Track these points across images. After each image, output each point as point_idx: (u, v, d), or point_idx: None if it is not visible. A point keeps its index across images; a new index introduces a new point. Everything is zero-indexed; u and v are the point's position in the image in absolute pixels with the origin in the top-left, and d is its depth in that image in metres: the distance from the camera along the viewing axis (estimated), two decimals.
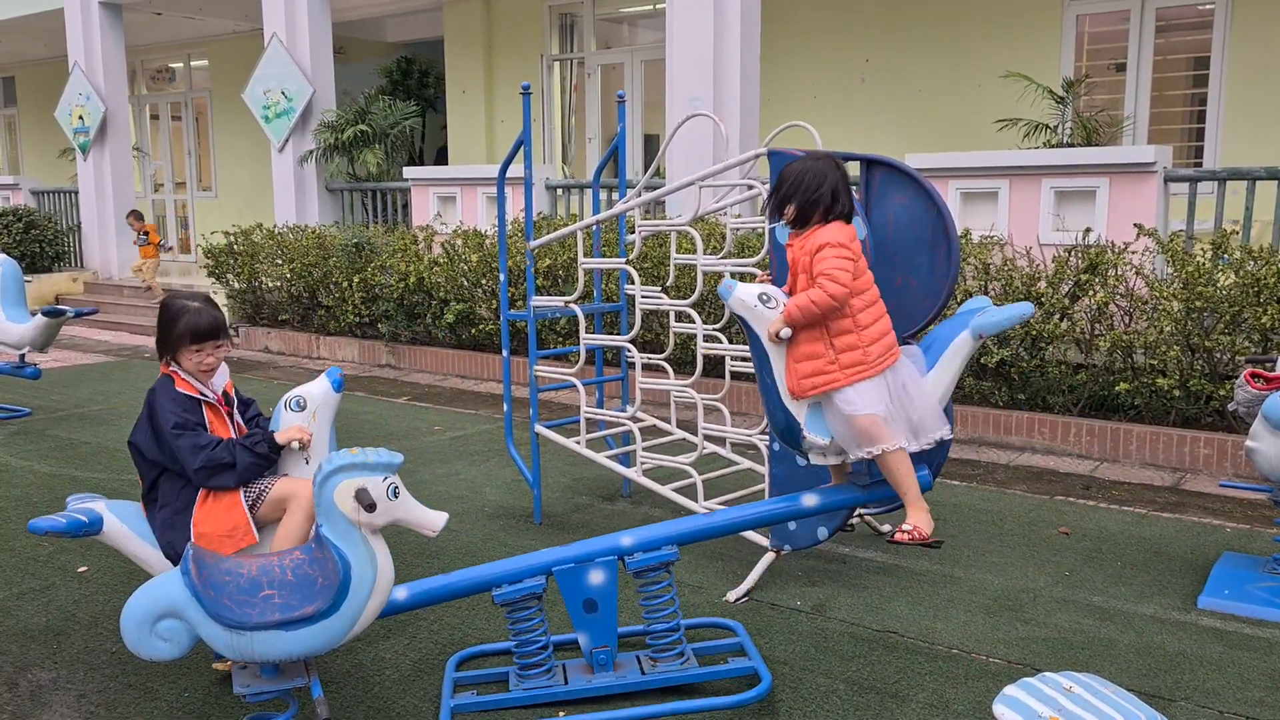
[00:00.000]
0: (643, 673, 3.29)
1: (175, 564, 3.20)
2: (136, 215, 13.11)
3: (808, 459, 3.38)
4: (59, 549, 4.63)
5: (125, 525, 3.28)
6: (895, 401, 3.21)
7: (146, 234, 12.64)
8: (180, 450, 3.19)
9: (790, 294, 3.31)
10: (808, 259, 3.15)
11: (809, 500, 3.46)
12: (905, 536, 3.24)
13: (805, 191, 3.19)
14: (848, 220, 3.24)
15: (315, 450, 3.37)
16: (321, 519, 2.61)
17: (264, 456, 3.28)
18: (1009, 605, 3.95)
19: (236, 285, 10.90)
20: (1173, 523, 4.95)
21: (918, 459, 3.34)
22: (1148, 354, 5.93)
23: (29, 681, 3.39)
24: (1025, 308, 3.30)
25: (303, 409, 3.37)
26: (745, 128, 8.32)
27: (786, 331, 3.09)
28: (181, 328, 3.31)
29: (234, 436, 3.35)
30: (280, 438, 3.30)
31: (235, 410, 3.48)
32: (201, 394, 3.34)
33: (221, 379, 3.47)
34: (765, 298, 3.13)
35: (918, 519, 3.27)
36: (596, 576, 3.25)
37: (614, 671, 3.29)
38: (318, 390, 3.42)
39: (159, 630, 2.51)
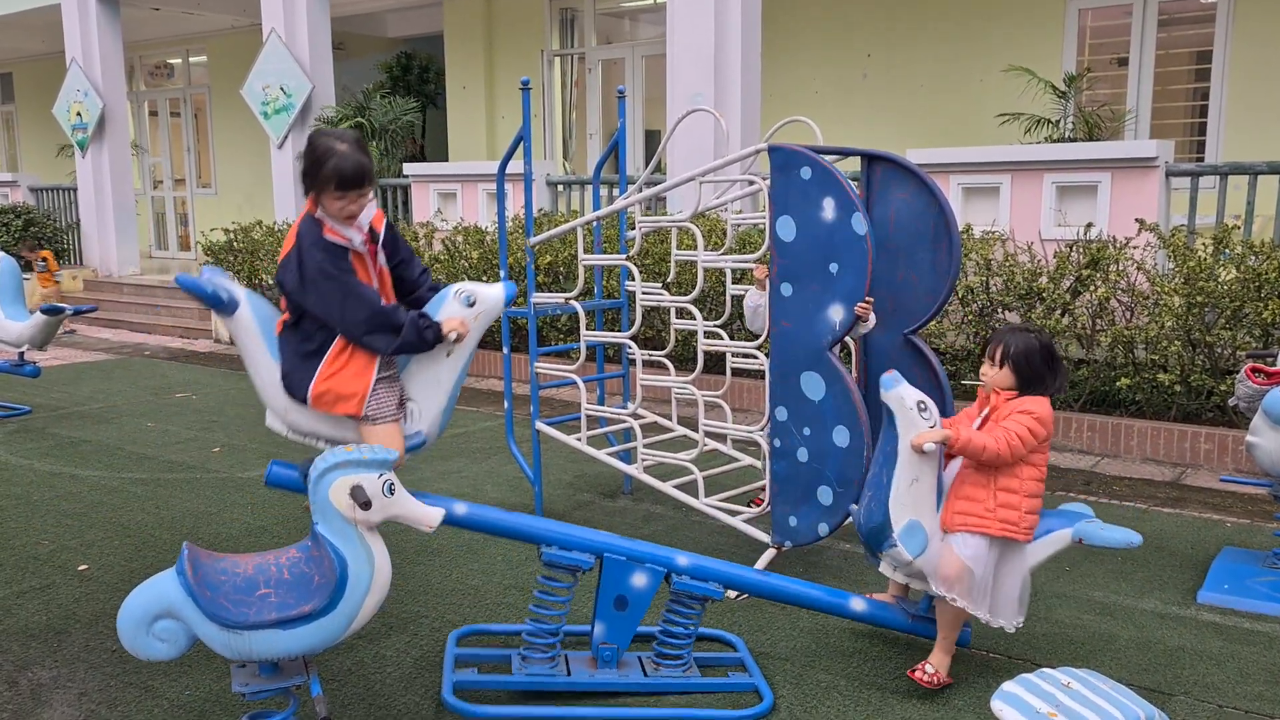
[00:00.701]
0: (645, 675, 3.29)
1: (291, 394, 3.22)
2: (30, 246, 12.90)
3: (876, 561, 3.37)
4: (59, 547, 4.63)
5: (257, 322, 3.23)
6: (995, 571, 3.20)
7: (45, 261, 12.26)
8: (347, 300, 3.12)
9: (941, 411, 3.31)
10: (1006, 413, 3.18)
11: (857, 605, 3.46)
12: (924, 679, 3.24)
13: (1042, 370, 3.18)
14: (1053, 396, 3.25)
15: (461, 351, 3.33)
16: (317, 517, 2.60)
17: (425, 341, 3.23)
18: None
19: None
20: (1173, 518, 4.94)
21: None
22: (1149, 349, 5.92)
23: (29, 680, 3.39)
24: (1133, 538, 3.21)
25: (471, 305, 3.32)
26: (746, 123, 8.31)
27: (930, 447, 3.09)
28: (328, 170, 3.16)
29: (374, 284, 3.26)
30: (445, 326, 3.24)
31: (380, 249, 3.36)
32: (349, 241, 3.23)
33: (368, 214, 3.31)
34: (923, 406, 3.14)
35: (941, 665, 3.28)
36: (640, 579, 3.24)
37: (617, 669, 3.29)
38: (491, 293, 3.36)
39: (156, 630, 2.50)
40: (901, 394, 3.13)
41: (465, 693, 3.17)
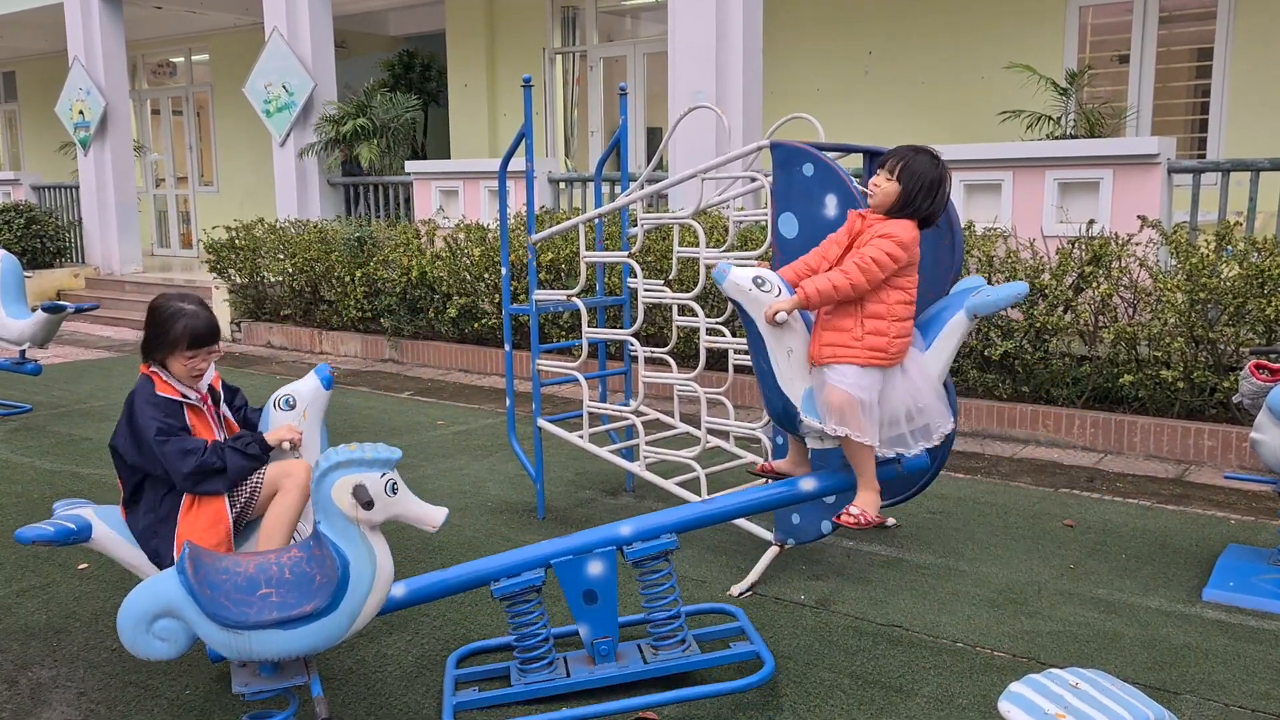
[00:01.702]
0: (645, 662, 3.28)
1: (160, 565, 3.18)
2: None
3: (803, 440, 3.37)
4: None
5: (114, 531, 3.25)
6: (882, 395, 3.18)
7: None
8: (168, 457, 3.13)
9: (831, 264, 3.23)
10: (868, 238, 3.12)
11: (806, 484, 3.44)
12: (850, 520, 3.23)
13: (918, 186, 3.13)
14: (922, 224, 3.20)
15: (306, 449, 3.35)
16: (319, 516, 2.59)
17: (255, 458, 3.24)
18: (1013, 599, 3.93)
19: (238, 280, 10.89)
20: (1177, 515, 4.93)
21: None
22: (1152, 346, 5.90)
23: (29, 679, 3.38)
24: (1020, 287, 3.27)
25: (292, 408, 3.36)
26: (748, 120, 8.29)
27: (783, 316, 3.07)
28: (179, 331, 3.23)
29: (219, 437, 3.30)
30: (271, 438, 3.27)
31: (221, 404, 3.43)
32: (184, 396, 3.28)
33: (207, 375, 3.39)
34: (760, 281, 3.11)
35: (866, 502, 3.25)
36: (595, 567, 3.23)
37: (616, 662, 3.28)
38: (306, 388, 3.40)
39: (156, 630, 2.49)
40: (735, 280, 3.09)
41: (468, 714, 3.13)
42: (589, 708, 3.13)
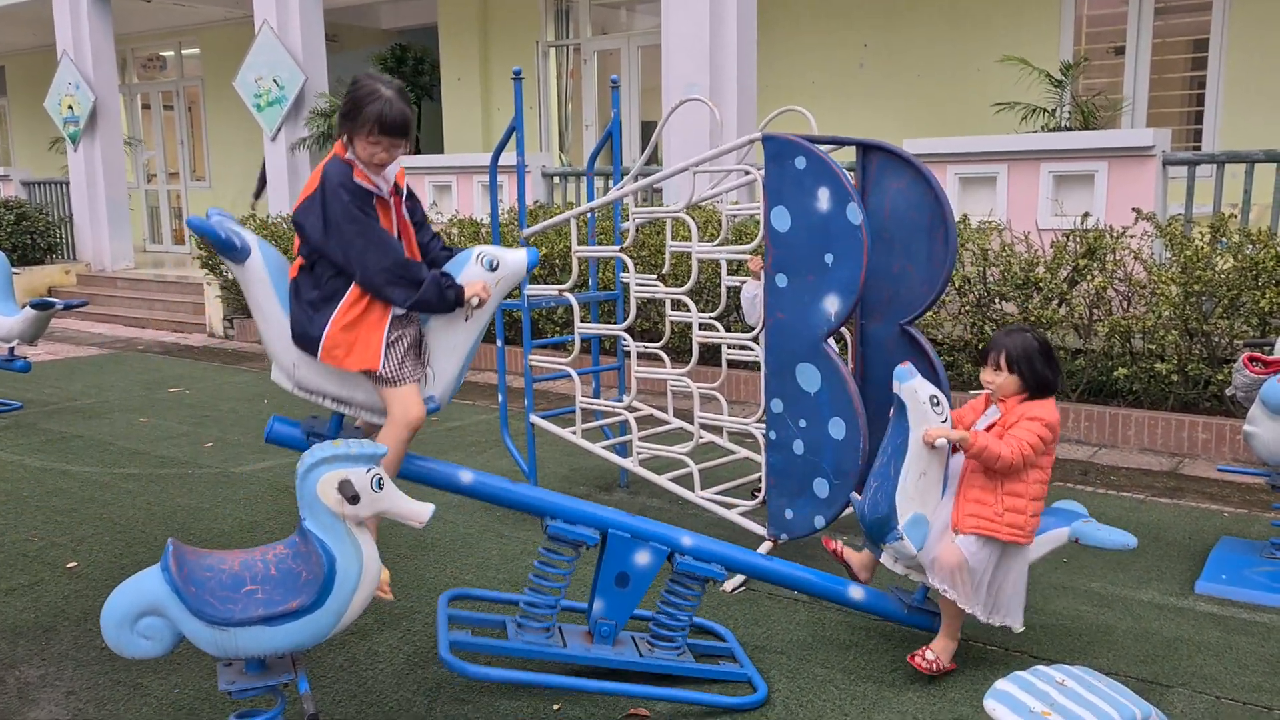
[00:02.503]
0: (640, 655, 3.27)
1: (300, 345, 3.12)
2: None
3: (877, 552, 3.36)
4: (49, 544, 4.59)
5: (268, 271, 3.13)
6: (994, 572, 3.19)
7: None
8: (369, 246, 3.03)
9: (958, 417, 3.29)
10: (1015, 419, 3.17)
11: (855, 594, 3.46)
12: (923, 665, 3.24)
13: (1043, 369, 3.17)
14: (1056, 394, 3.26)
15: (480, 316, 3.25)
16: (305, 512, 2.56)
17: (445, 301, 3.13)
18: None
19: (230, 277, 10.85)
20: (1171, 508, 4.92)
21: None
22: (1146, 339, 5.89)
23: (17, 678, 3.36)
24: (1129, 541, 3.23)
25: (493, 269, 3.23)
26: (742, 114, 8.27)
27: (943, 442, 3.09)
28: (369, 113, 3.10)
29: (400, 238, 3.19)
30: (468, 290, 3.16)
31: (404, 203, 3.32)
32: (376, 188, 3.17)
33: (393, 168, 3.27)
34: (936, 401, 3.12)
35: (943, 651, 3.27)
36: (643, 557, 3.22)
37: (614, 647, 3.27)
38: (513, 258, 3.28)
39: (140, 628, 2.46)
40: (915, 387, 3.11)
41: (459, 653, 3.13)
42: (587, 682, 3.12)
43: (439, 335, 3.28)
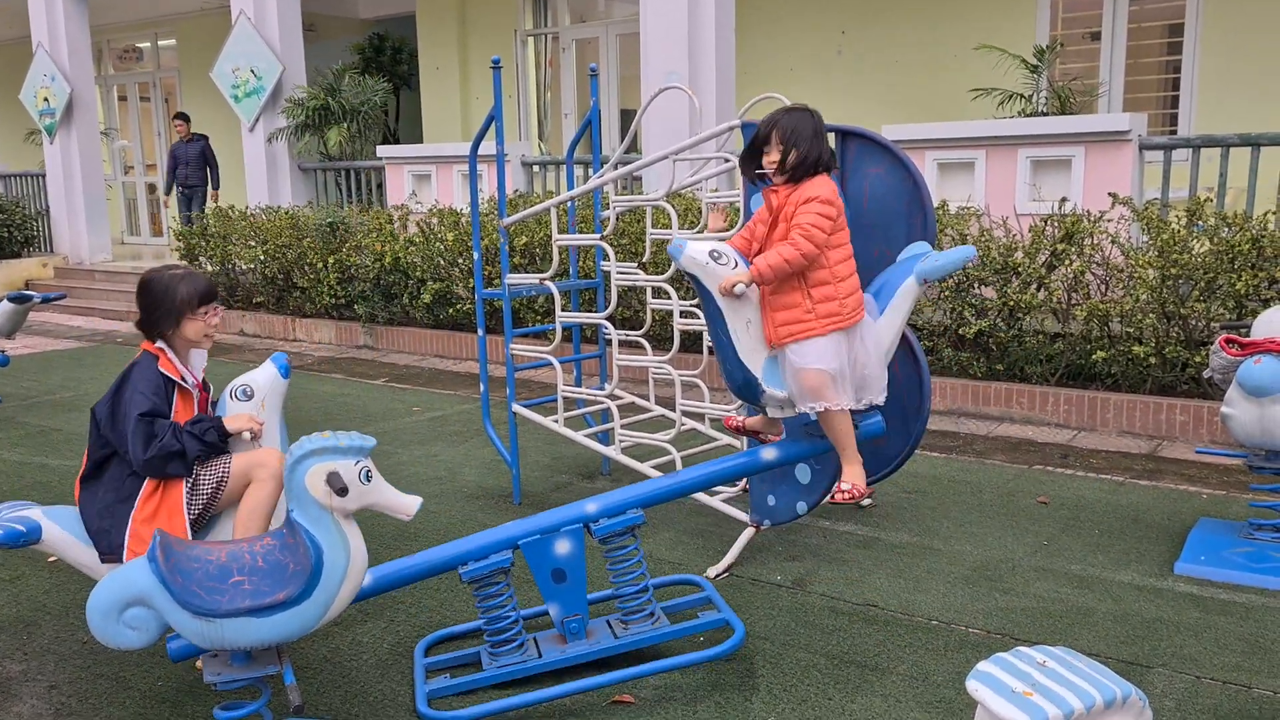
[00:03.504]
0: (615, 637, 3.28)
1: (108, 556, 3.09)
2: None
3: (764, 411, 3.40)
4: None
5: (66, 531, 3.14)
6: (850, 357, 3.23)
7: None
8: (134, 437, 3.08)
9: (760, 244, 3.28)
10: (792, 209, 3.15)
11: (767, 454, 3.48)
12: (843, 496, 3.30)
13: (804, 142, 3.18)
14: (829, 172, 3.24)
15: (266, 439, 3.30)
16: (292, 504, 2.56)
17: (212, 445, 3.17)
18: (988, 575, 3.96)
19: (209, 267, 10.77)
20: (1150, 490, 4.97)
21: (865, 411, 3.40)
22: (1124, 322, 5.93)
23: None
24: (968, 250, 3.35)
25: (250, 397, 3.30)
26: (721, 101, 8.26)
27: (741, 288, 3.09)
28: (185, 292, 3.21)
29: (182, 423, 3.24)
30: (230, 425, 3.20)
31: (209, 396, 3.39)
32: (182, 378, 3.23)
33: (200, 361, 3.36)
34: (716, 254, 3.13)
35: (854, 476, 3.32)
36: (563, 546, 3.23)
37: (587, 639, 3.28)
38: (264, 377, 3.34)
39: (126, 619, 2.46)
40: (692, 254, 3.14)
41: (442, 701, 3.10)
42: (562, 686, 3.12)
43: (244, 451, 3.31)
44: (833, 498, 3.30)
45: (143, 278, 3.34)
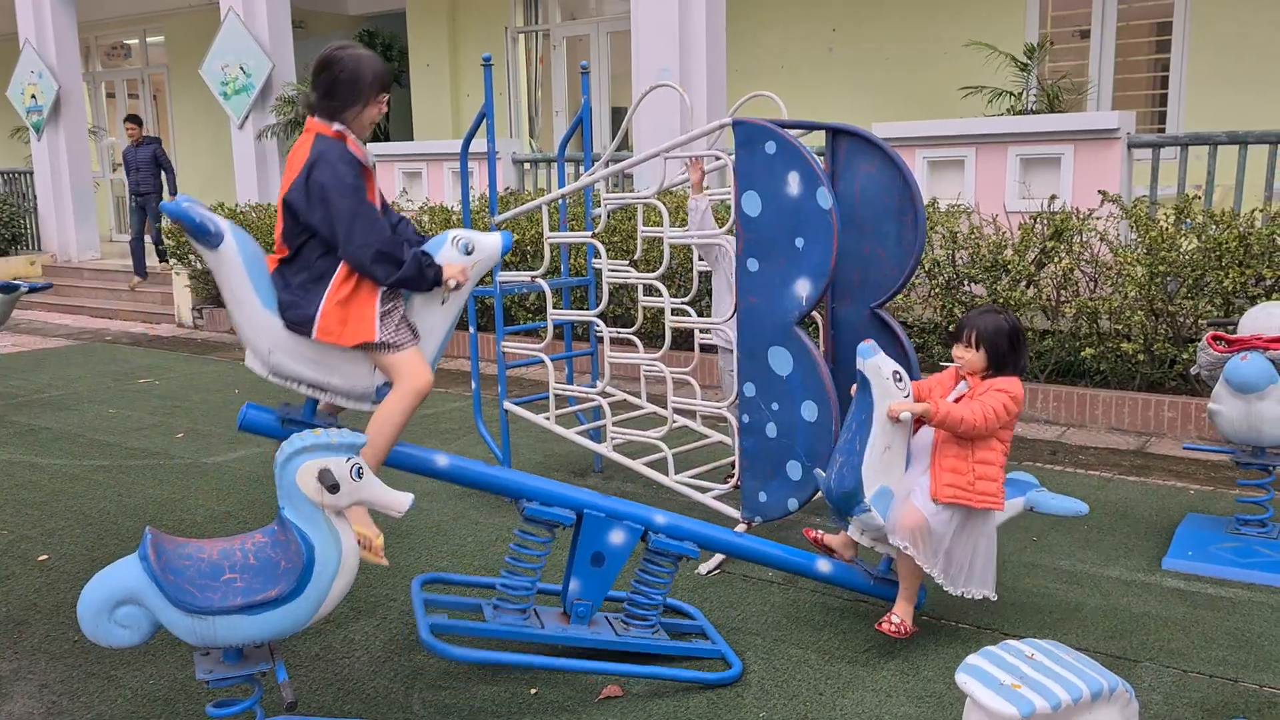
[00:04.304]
0: (616, 634, 3.30)
1: (294, 326, 3.11)
2: None
3: (845, 525, 3.41)
4: (19, 537, 4.55)
5: (242, 256, 3.10)
6: (970, 541, 3.28)
7: None
8: (359, 219, 3.04)
9: (921, 391, 3.36)
10: (982, 389, 3.28)
11: (823, 567, 3.51)
12: (890, 629, 3.32)
13: (1012, 350, 3.30)
14: (1022, 375, 3.36)
15: (456, 299, 3.27)
16: (283, 501, 2.56)
17: (425, 279, 3.14)
18: None
19: (199, 266, 10.74)
20: (1138, 486, 5.00)
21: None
22: (1113, 319, 5.97)
23: None
24: (1081, 507, 3.41)
25: (468, 253, 3.24)
26: (712, 99, 8.27)
27: (907, 416, 3.16)
28: (372, 74, 3.16)
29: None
30: (446, 272, 3.18)
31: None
32: (366, 159, 3.19)
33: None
34: (899, 376, 3.20)
35: (905, 614, 3.35)
36: (618, 536, 3.25)
37: (589, 627, 3.30)
38: (488, 241, 3.29)
39: (117, 617, 2.46)
40: (878, 363, 3.18)
41: (441, 635, 3.13)
42: (567, 660, 3.15)
43: (416, 318, 3.30)
44: (879, 625, 3.33)
45: (325, 55, 3.23)
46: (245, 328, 3.20)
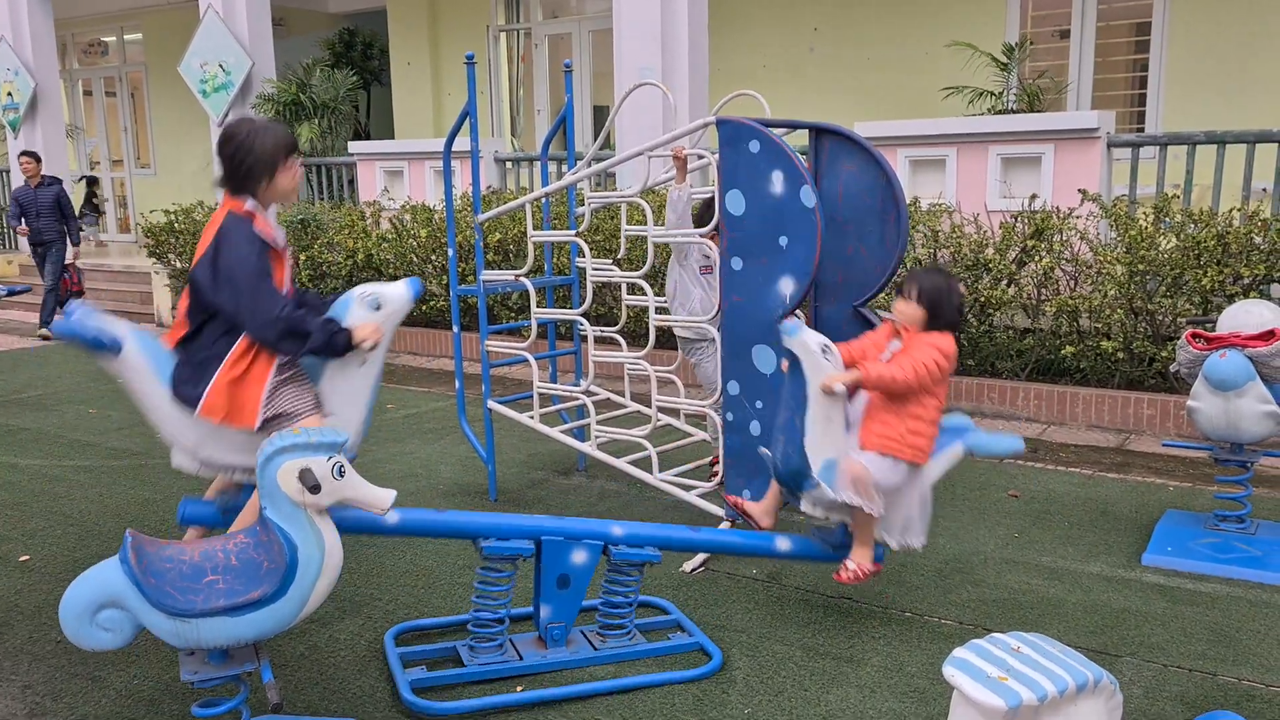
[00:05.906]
0: (594, 649, 3.31)
1: (183, 402, 3.11)
2: None
3: (797, 501, 3.42)
4: None
5: (146, 357, 3.09)
6: (905, 492, 3.34)
7: None
8: (255, 298, 3.02)
9: (861, 351, 3.42)
10: (915, 344, 3.32)
11: (782, 544, 3.53)
12: (847, 576, 3.37)
13: (950, 309, 3.36)
14: (956, 334, 3.42)
15: (375, 358, 3.24)
16: (265, 502, 2.55)
17: (336, 346, 3.13)
18: (960, 568, 4.00)
19: (179, 265, 10.67)
20: (1118, 483, 5.04)
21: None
22: (1093, 318, 6.01)
23: None
24: (1017, 445, 3.46)
25: (377, 309, 3.22)
26: (695, 98, 8.28)
27: (839, 388, 3.18)
28: (273, 145, 3.14)
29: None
30: (357, 334, 3.15)
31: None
32: (274, 240, 3.17)
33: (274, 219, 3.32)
34: (826, 349, 3.23)
35: (861, 556, 3.40)
36: (579, 556, 3.25)
37: (567, 648, 3.30)
38: (396, 292, 3.26)
39: (100, 620, 2.44)
40: (805, 339, 3.22)
41: (421, 692, 3.10)
42: (550, 690, 3.13)
43: (337, 384, 3.28)
44: (837, 575, 3.37)
45: (225, 131, 3.22)
46: (165, 425, 3.20)
